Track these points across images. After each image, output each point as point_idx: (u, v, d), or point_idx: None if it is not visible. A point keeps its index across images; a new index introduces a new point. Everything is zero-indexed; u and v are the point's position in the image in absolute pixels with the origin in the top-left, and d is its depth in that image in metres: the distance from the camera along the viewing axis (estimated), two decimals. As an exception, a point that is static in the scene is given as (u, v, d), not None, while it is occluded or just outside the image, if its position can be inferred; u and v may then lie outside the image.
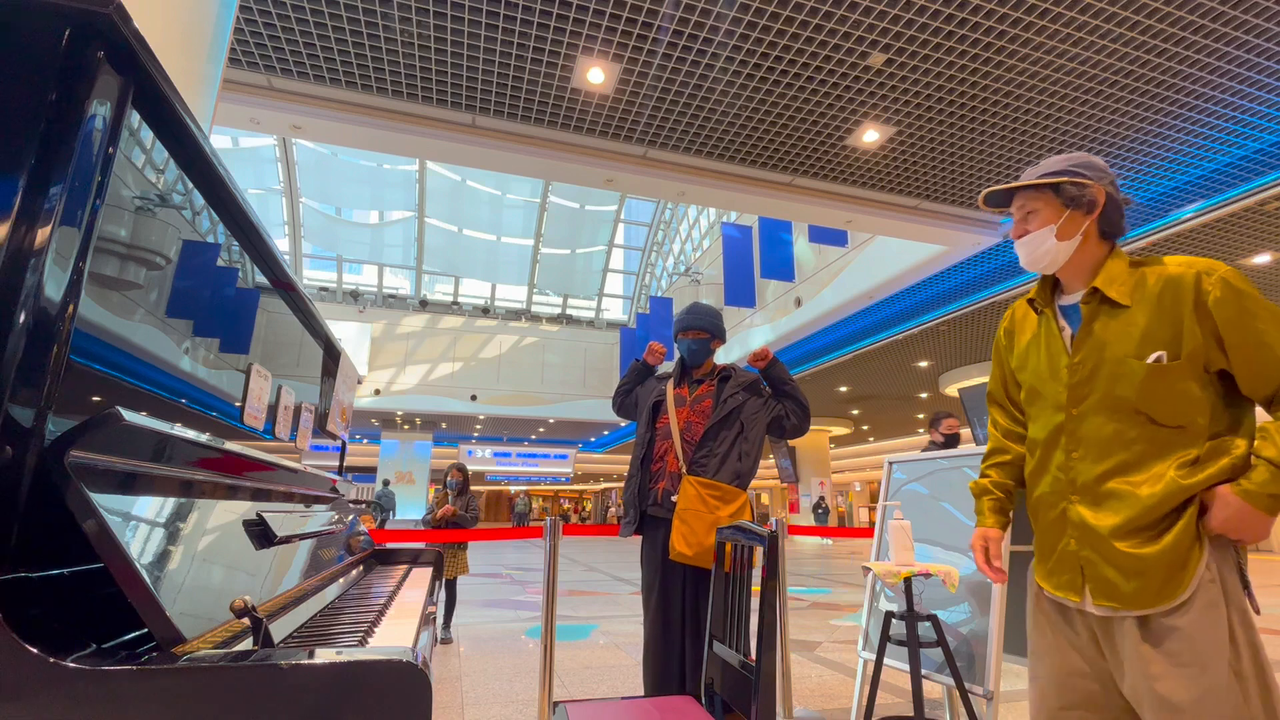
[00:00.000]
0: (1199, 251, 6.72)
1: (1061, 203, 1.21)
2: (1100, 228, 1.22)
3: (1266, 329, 1.09)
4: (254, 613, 0.75)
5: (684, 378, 2.45)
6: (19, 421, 0.66)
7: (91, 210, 0.74)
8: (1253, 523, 1.07)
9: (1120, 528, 1.13)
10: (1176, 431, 1.12)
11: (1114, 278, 1.18)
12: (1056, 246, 1.22)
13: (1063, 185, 1.20)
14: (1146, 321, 1.14)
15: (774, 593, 1.34)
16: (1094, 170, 1.22)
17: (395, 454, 19.41)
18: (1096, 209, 1.20)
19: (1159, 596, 1.09)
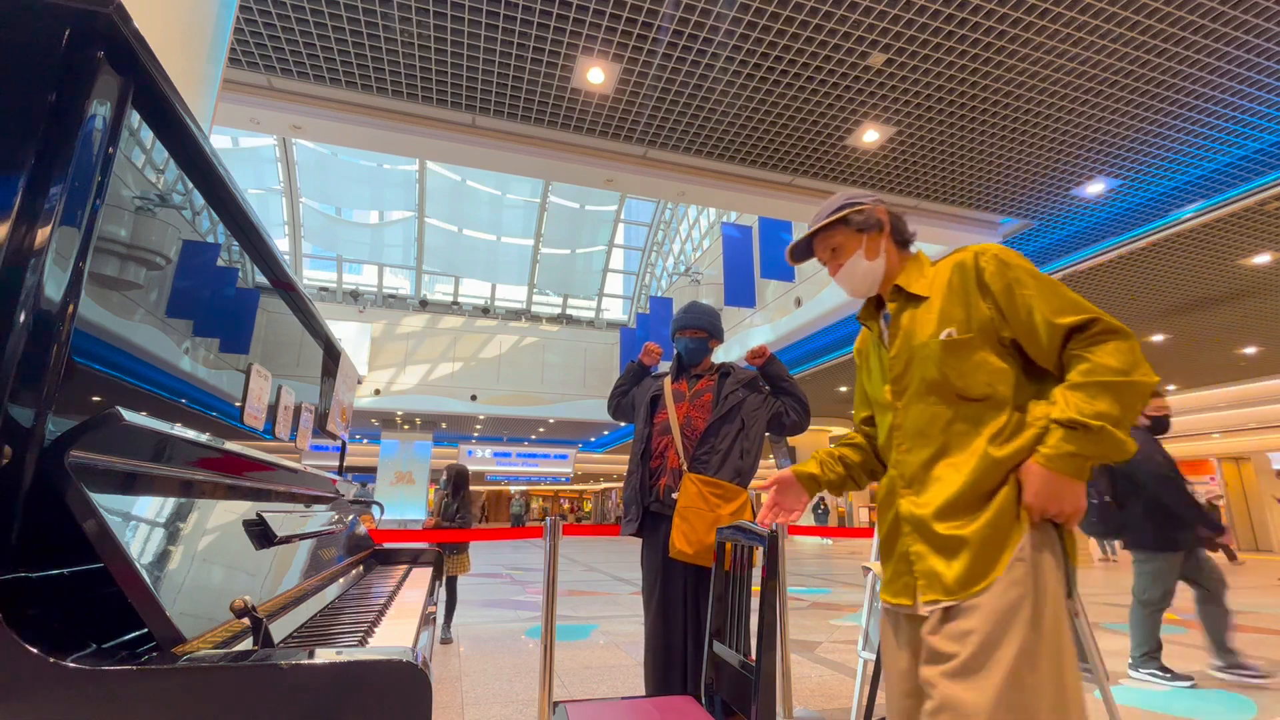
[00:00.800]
0: (1199, 251, 6.73)
1: (855, 230, 1.31)
2: (895, 240, 1.33)
3: (1032, 295, 1.13)
4: (254, 613, 0.75)
5: (682, 374, 2.44)
6: (19, 421, 0.66)
7: (91, 210, 0.74)
8: (1060, 490, 1.06)
9: (941, 509, 1.14)
10: (983, 405, 1.14)
11: (912, 275, 1.28)
12: (869, 266, 1.31)
13: (849, 216, 1.31)
14: (941, 305, 1.21)
15: (774, 592, 1.34)
16: (865, 197, 1.34)
17: (395, 454, 19.40)
18: (886, 226, 1.32)
19: (978, 579, 1.08)
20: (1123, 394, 1.04)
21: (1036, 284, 1.14)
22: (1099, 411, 1.03)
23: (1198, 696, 3.13)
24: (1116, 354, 1.06)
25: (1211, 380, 12.84)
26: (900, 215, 1.36)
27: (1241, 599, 6.90)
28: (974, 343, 1.16)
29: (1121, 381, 1.04)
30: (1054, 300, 1.12)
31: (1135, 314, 8.76)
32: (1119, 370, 1.04)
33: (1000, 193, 5.90)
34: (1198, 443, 17.50)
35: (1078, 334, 1.10)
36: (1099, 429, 1.03)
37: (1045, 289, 1.13)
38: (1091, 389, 1.05)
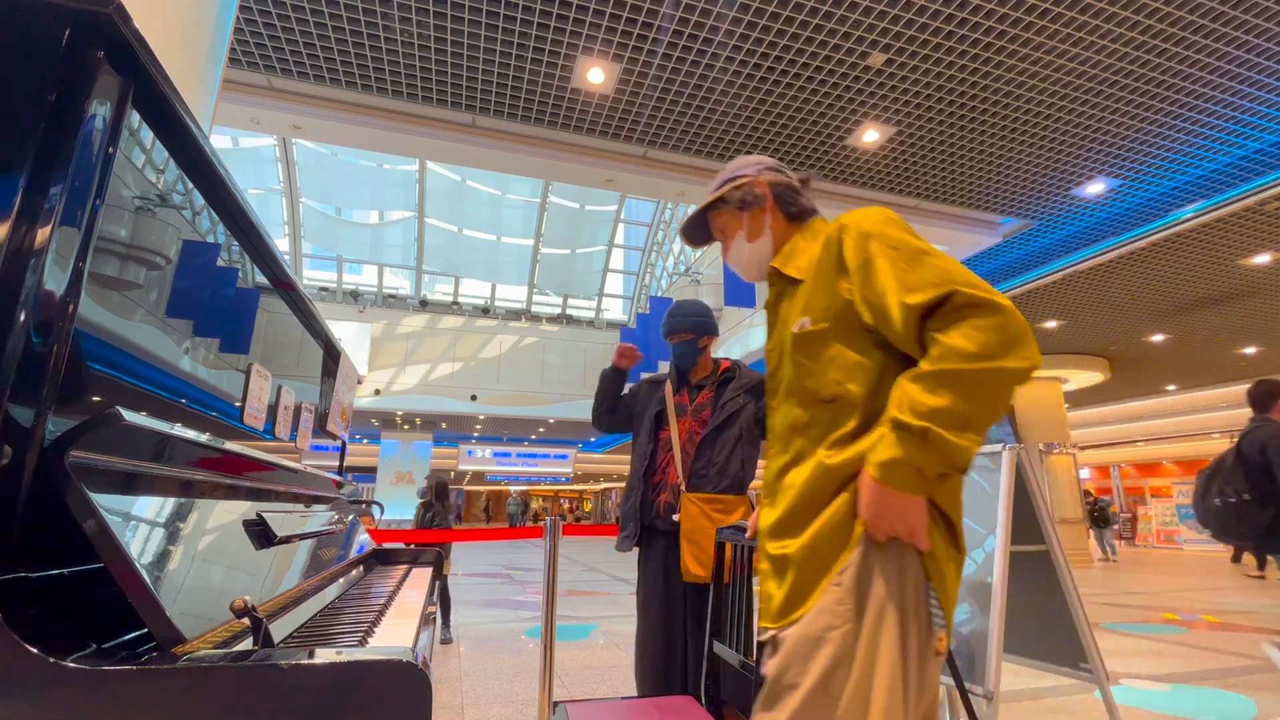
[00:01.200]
0: (1199, 251, 6.73)
1: (735, 209, 1.18)
2: (784, 213, 1.17)
3: (887, 273, 0.93)
4: (254, 613, 0.75)
5: (683, 383, 2.31)
6: (19, 421, 0.66)
7: (91, 210, 0.74)
8: (889, 505, 0.87)
9: (773, 524, 0.99)
10: (836, 407, 0.97)
11: (791, 255, 1.12)
12: (752, 248, 1.18)
13: (727, 194, 1.18)
14: (810, 291, 1.04)
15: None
16: (750, 166, 1.19)
17: (395, 454, 19.40)
18: (767, 199, 1.17)
19: (794, 606, 0.92)
20: (970, 384, 0.84)
21: (895, 257, 0.93)
22: (932, 409, 0.84)
23: (1198, 696, 3.13)
24: (972, 333, 0.85)
25: (1211, 380, 12.84)
26: (789, 183, 1.18)
27: (1243, 598, 6.91)
28: (827, 334, 0.99)
29: (971, 369, 0.83)
30: (911, 275, 0.91)
31: (1135, 314, 8.77)
32: (971, 354, 0.83)
33: (1000, 193, 5.90)
34: (1198, 443, 17.50)
35: (937, 310, 0.88)
36: (922, 432, 0.84)
37: (905, 261, 0.93)
38: (930, 380, 0.85)
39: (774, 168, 1.20)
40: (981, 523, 2.37)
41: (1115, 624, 5.14)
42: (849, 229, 1.00)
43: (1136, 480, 20.40)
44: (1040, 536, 2.49)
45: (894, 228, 0.98)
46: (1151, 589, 7.74)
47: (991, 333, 0.84)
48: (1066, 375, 11.46)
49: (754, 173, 1.18)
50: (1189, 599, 6.84)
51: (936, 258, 0.93)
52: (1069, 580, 2.42)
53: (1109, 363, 11.29)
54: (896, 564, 0.89)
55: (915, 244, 0.95)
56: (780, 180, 1.18)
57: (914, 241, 0.96)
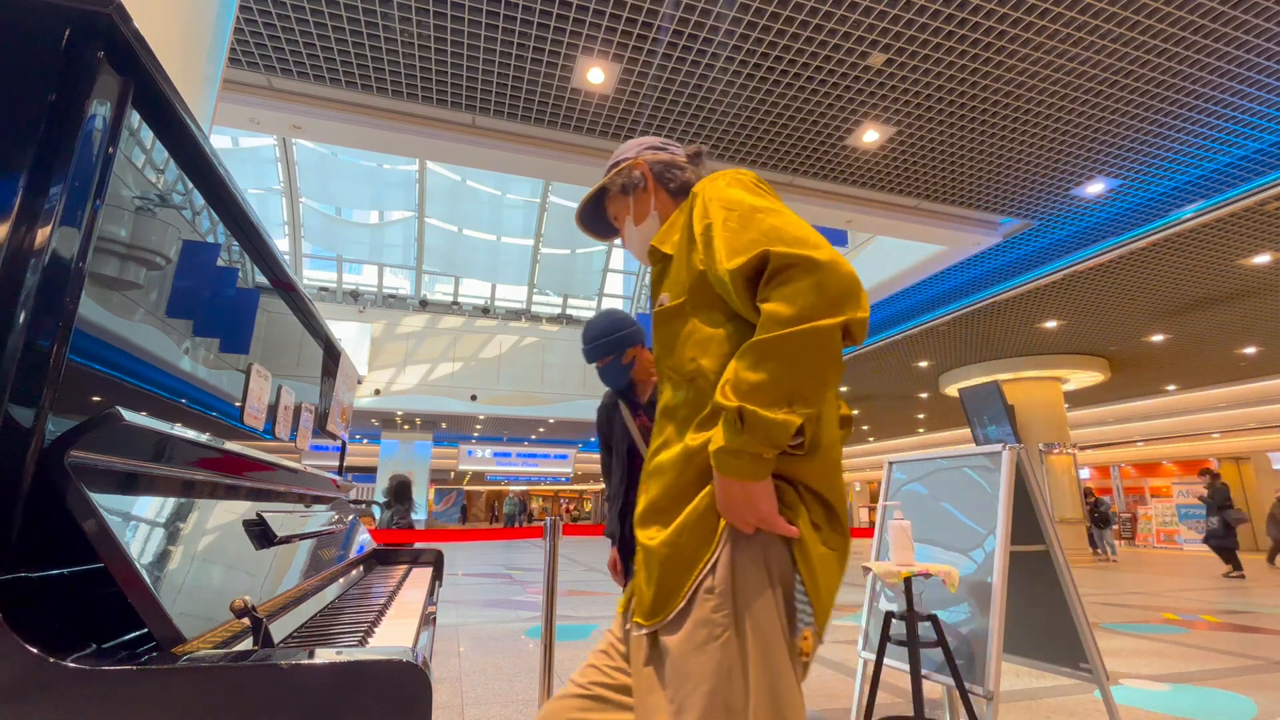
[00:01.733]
0: (1199, 251, 6.73)
1: (620, 194, 1.16)
2: (666, 190, 1.14)
3: (717, 233, 0.88)
4: (254, 613, 0.75)
5: (635, 405, 2.13)
6: (19, 421, 0.66)
7: (91, 210, 0.74)
8: (731, 496, 0.81)
9: (643, 511, 0.94)
10: (694, 384, 0.92)
11: (669, 230, 1.06)
12: (640, 231, 1.15)
13: (609, 181, 1.16)
14: (674, 266, 1.00)
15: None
16: (630, 149, 1.18)
17: (395, 454, 19.41)
18: (647, 179, 1.14)
19: (661, 606, 0.86)
20: (789, 352, 0.78)
21: (728, 219, 0.88)
22: (750, 386, 0.78)
23: (1198, 696, 3.13)
24: (791, 295, 0.79)
25: (1211, 380, 12.84)
26: (670, 159, 1.13)
27: (1241, 598, 6.91)
28: (684, 309, 0.95)
29: (787, 334, 0.77)
30: (738, 237, 0.85)
31: (1135, 314, 8.77)
32: (787, 319, 0.78)
33: (1000, 193, 5.90)
34: (1198, 443, 17.50)
35: (761, 275, 0.83)
36: (738, 412, 0.78)
37: (736, 223, 0.87)
38: (751, 355, 0.80)
39: (655, 146, 1.17)
40: (981, 523, 2.37)
41: (1115, 624, 5.14)
42: (698, 196, 0.97)
43: (1136, 480, 20.40)
44: (1040, 536, 2.49)
45: (736, 188, 0.93)
46: (1151, 589, 7.74)
47: (809, 293, 0.78)
48: (1066, 375, 11.46)
49: (633, 154, 1.16)
50: (1189, 599, 6.84)
51: (768, 214, 0.87)
52: (1069, 580, 2.42)
53: (1109, 363, 11.29)
54: (761, 557, 0.83)
55: (750, 202, 0.89)
56: (659, 158, 1.15)
57: (750, 199, 0.90)
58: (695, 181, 1.11)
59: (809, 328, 0.77)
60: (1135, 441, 18.58)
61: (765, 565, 0.83)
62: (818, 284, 0.79)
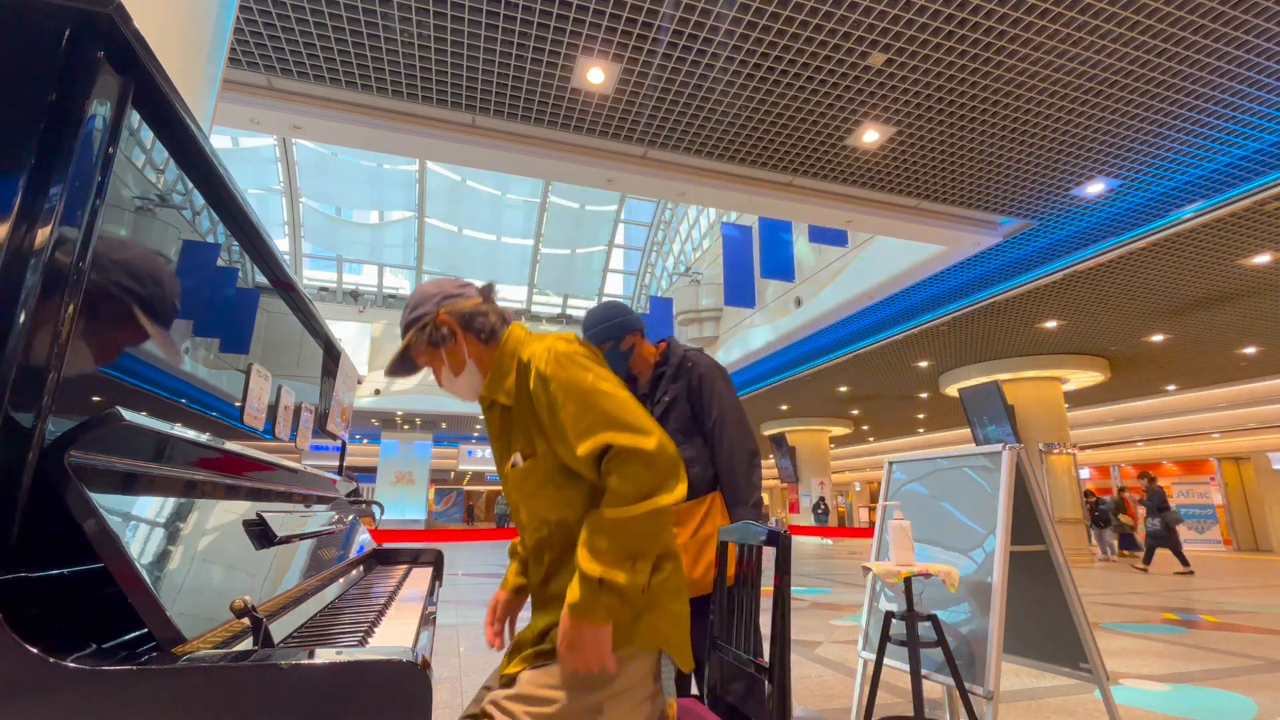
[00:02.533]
0: (1199, 251, 6.73)
1: (430, 347, 1.18)
2: (478, 339, 1.18)
3: (563, 415, 1.02)
4: (254, 612, 0.75)
5: (642, 399, 2.08)
6: (19, 421, 0.66)
7: (91, 210, 0.74)
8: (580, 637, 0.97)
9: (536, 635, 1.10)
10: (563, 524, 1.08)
11: (497, 378, 1.15)
12: (463, 381, 1.19)
13: (413, 339, 1.17)
14: (517, 420, 1.11)
15: (787, 594, 1.33)
16: (426, 303, 1.18)
17: (395, 454, 19.42)
18: (456, 333, 1.17)
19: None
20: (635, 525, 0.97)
21: (566, 400, 1.02)
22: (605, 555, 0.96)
23: (1198, 696, 3.14)
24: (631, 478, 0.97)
25: (1211, 380, 12.84)
26: (472, 308, 1.18)
27: (1241, 599, 6.91)
28: (538, 467, 1.08)
29: (633, 513, 0.96)
30: (581, 420, 1.00)
31: (1135, 314, 8.77)
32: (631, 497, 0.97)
33: (1000, 193, 5.90)
34: (1198, 443, 17.50)
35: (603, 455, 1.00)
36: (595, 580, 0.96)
37: (576, 406, 1.01)
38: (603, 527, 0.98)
39: (451, 294, 1.19)
40: (981, 523, 2.37)
41: (1115, 624, 5.14)
42: (532, 368, 1.07)
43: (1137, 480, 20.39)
44: (1040, 536, 2.49)
45: (570, 368, 1.04)
46: (1151, 589, 7.74)
47: (644, 475, 0.97)
48: (1066, 375, 11.46)
49: (433, 308, 1.17)
50: (1189, 599, 6.84)
51: (602, 397, 1.02)
52: (1069, 580, 2.42)
53: (1109, 363, 11.29)
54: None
55: (586, 384, 1.03)
56: (458, 308, 1.18)
57: (585, 380, 1.03)
58: (501, 326, 1.20)
59: (651, 506, 0.97)
60: (1135, 441, 18.57)
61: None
62: (649, 465, 0.97)
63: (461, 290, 1.20)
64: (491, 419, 1.19)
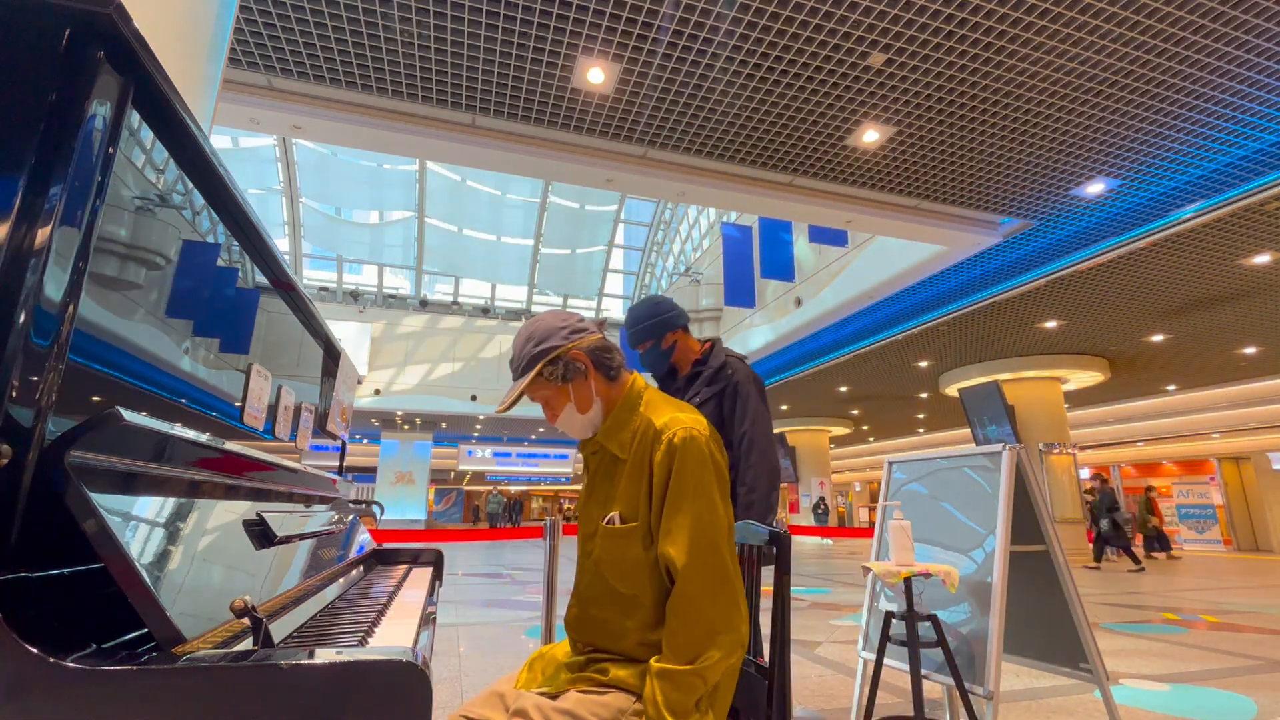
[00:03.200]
0: (1199, 251, 6.73)
1: (559, 383, 1.15)
2: (606, 377, 1.17)
3: (685, 502, 1.02)
4: (254, 613, 0.75)
5: (676, 393, 2.10)
6: (19, 421, 0.66)
7: (91, 210, 0.74)
8: None
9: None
10: (638, 604, 1.07)
11: (615, 428, 1.15)
12: (585, 419, 1.17)
13: (543, 372, 1.14)
14: (626, 478, 1.10)
15: (787, 593, 1.33)
16: (554, 335, 1.15)
17: (395, 454, 19.41)
18: (587, 368, 1.15)
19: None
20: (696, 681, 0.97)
21: (697, 490, 1.03)
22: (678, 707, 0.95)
23: (1198, 696, 3.14)
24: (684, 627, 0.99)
25: (1211, 380, 12.84)
26: (602, 343, 1.17)
27: (1241, 599, 6.91)
28: (635, 535, 1.07)
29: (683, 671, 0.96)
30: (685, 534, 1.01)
31: (1135, 314, 8.77)
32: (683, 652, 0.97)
33: (1000, 193, 5.90)
34: (1198, 443, 17.50)
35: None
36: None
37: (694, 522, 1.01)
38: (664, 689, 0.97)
39: (578, 329, 1.17)
40: (981, 523, 2.37)
41: (1115, 624, 5.14)
42: (664, 441, 1.05)
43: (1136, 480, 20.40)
44: (1040, 536, 2.49)
45: (703, 469, 1.04)
46: (1151, 589, 7.74)
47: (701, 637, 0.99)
48: (1066, 375, 11.46)
49: (564, 341, 1.14)
50: (1189, 599, 6.84)
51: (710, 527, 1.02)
52: (1069, 580, 2.42)
53: (1109, 363, 11.29)
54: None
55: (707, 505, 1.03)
56: (590, 343, 1.16)
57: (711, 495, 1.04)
58: (622, 361, 1.19)
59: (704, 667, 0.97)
60: (1135, 441, 18.58)
61: None
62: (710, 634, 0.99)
63: (584, 325, 1.18)
64: (596, 463, 1.19)
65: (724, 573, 1.01)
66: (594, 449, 1.19)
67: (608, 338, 1.21)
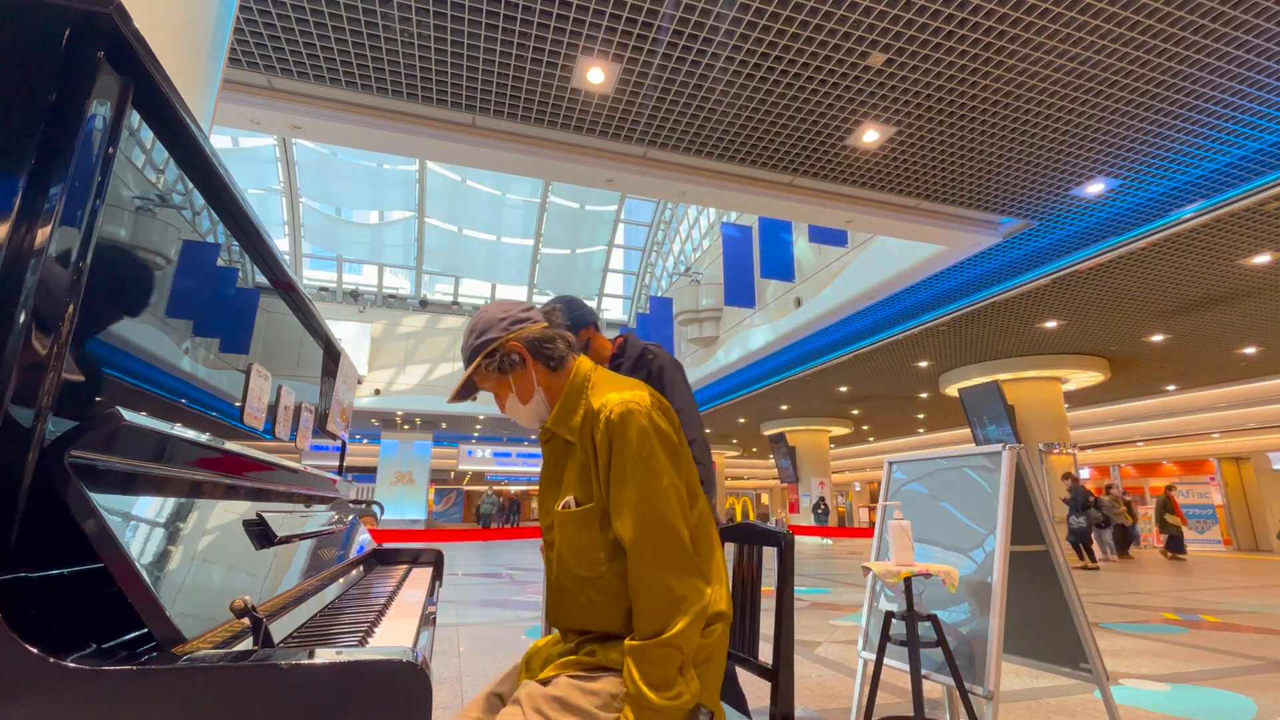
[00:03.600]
0: (1199, 251, 6.73)
1: (498, 373, 1.15)
2: (546, 367, 1.16)
3: (627, 477, 1.02)
4: (254, 613, 0.75)
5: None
6: (19, 421, 0.66)
7: (91, 210, 0.74)
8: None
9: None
10: (595, 582, 1.07)
11: (564, 414, 1.14)
12: (529, 409, 1.17)
13: (481, 365, 1.14)
14: (576, 462, 1.11)
15: (791, 595, 1.33)
16: (494, 328, 1.15)
17: (395, 454, 19.41)
18: (526, 360, 1.15)
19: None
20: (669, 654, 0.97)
21: (634, 485, 1.02)
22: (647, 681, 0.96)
23: (1198, 696, 3.13)
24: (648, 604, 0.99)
25: (1211, 380, 12.84)
26: (540, 334, 1.16)
27: (1241, 599, 6.91)
28: (592, 517, 1.07)
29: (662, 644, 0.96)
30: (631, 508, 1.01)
31: (1135, 314, 8.77)
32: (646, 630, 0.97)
33: (1000, 193, 5.90)
34: (1198, 443, 17.51)
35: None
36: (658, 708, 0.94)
37: (640, 497, 1.01)
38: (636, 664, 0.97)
39: (518, 320, 1.17)
40: (981, 523, 2.37)
41: (1115, 624, 5.14)
42: (601, 419, 1.05)
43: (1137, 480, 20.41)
44: (1040, 536, 2.49)
45: (642, 441, 1.03)
46: (1151, 589, 7.74)
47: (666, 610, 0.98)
48: (1066, 375, 11.46)
49: (501, 333, 1.14)
50: (1189, 599, 6.84)
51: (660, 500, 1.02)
52: (1069, 580, 2.42)
53: (1109, 363, 11.29)
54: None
55: (658, 454, 1.03)
56: (530, 334, 1.15)
57: (656, 466, 1.03)
58: (568, 353, 1.18)
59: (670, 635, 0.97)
60: (1135, 441, 18.58)
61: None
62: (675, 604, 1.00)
63: (527, 315, 1.18)
64: (550, 451, 1.18)
65: (674, 539, 1.01)
66: (547, 437, 1.19)
67: (556, 324, 1.20)
